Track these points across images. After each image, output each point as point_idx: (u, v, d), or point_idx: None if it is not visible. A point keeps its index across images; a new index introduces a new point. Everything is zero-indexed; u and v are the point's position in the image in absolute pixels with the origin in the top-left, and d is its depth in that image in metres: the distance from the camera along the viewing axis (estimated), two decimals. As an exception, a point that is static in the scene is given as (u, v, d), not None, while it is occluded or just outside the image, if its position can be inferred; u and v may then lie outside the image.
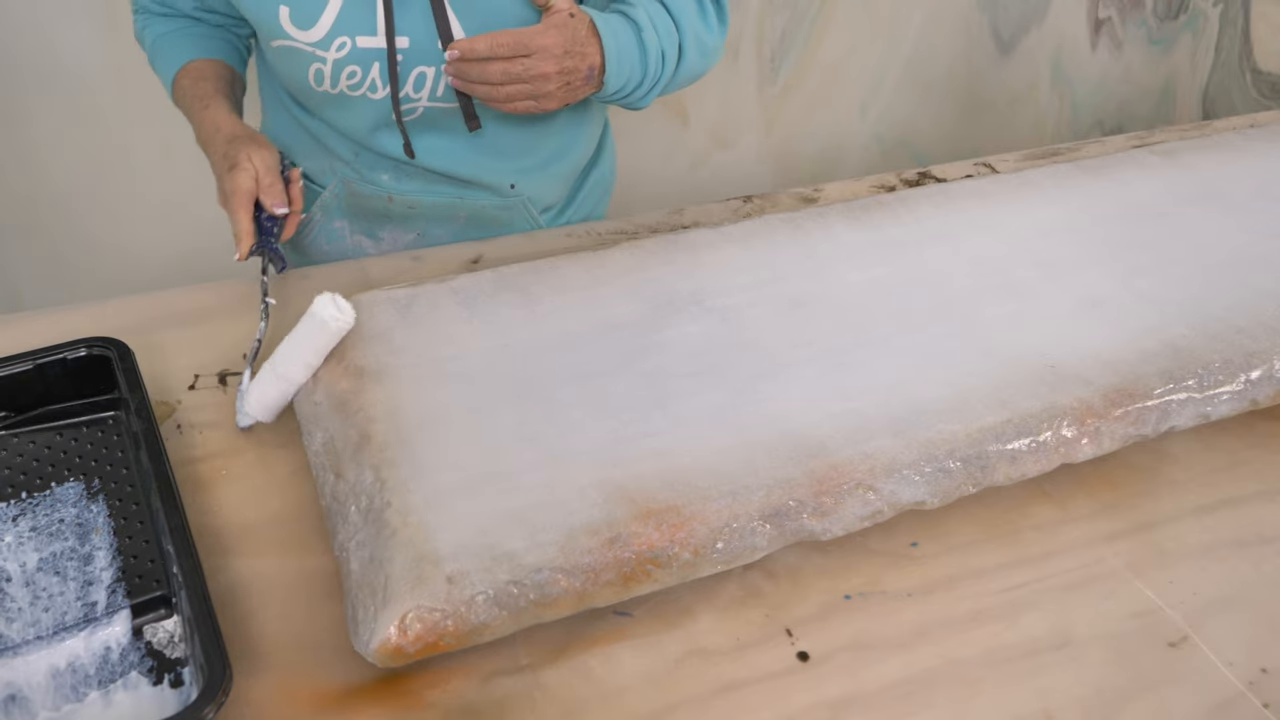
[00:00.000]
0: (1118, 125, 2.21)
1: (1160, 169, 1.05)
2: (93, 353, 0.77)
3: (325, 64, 0.92)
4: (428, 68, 0.93)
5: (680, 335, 0.81)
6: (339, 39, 0.90)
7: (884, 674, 0.65)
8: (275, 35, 0.90)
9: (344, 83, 0.93)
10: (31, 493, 0.71)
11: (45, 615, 0.64)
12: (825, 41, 1.84)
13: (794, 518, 0.68)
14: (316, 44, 0.91)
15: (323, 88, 0.94)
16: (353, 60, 0.92)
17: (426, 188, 1.03)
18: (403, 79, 0.93)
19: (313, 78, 0.93)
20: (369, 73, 0.92)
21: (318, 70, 0.92)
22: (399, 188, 1.03)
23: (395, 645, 0.60)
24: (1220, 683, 0.65)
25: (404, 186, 1.03)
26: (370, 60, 0.92)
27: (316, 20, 0.90)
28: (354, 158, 1.02)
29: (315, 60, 0.92)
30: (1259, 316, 0.84)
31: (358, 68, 0.92)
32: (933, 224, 0.95)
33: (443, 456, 0.69)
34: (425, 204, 1.04)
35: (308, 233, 1.08)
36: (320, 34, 0.90)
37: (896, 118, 2.00)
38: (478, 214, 1.06)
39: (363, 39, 0.91)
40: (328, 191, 1.05)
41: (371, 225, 1.07)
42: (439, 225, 1.06)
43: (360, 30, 0.90)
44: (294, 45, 0.91)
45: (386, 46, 0.91)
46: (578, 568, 0.63)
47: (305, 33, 0.90)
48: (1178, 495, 0.78)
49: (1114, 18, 2.06)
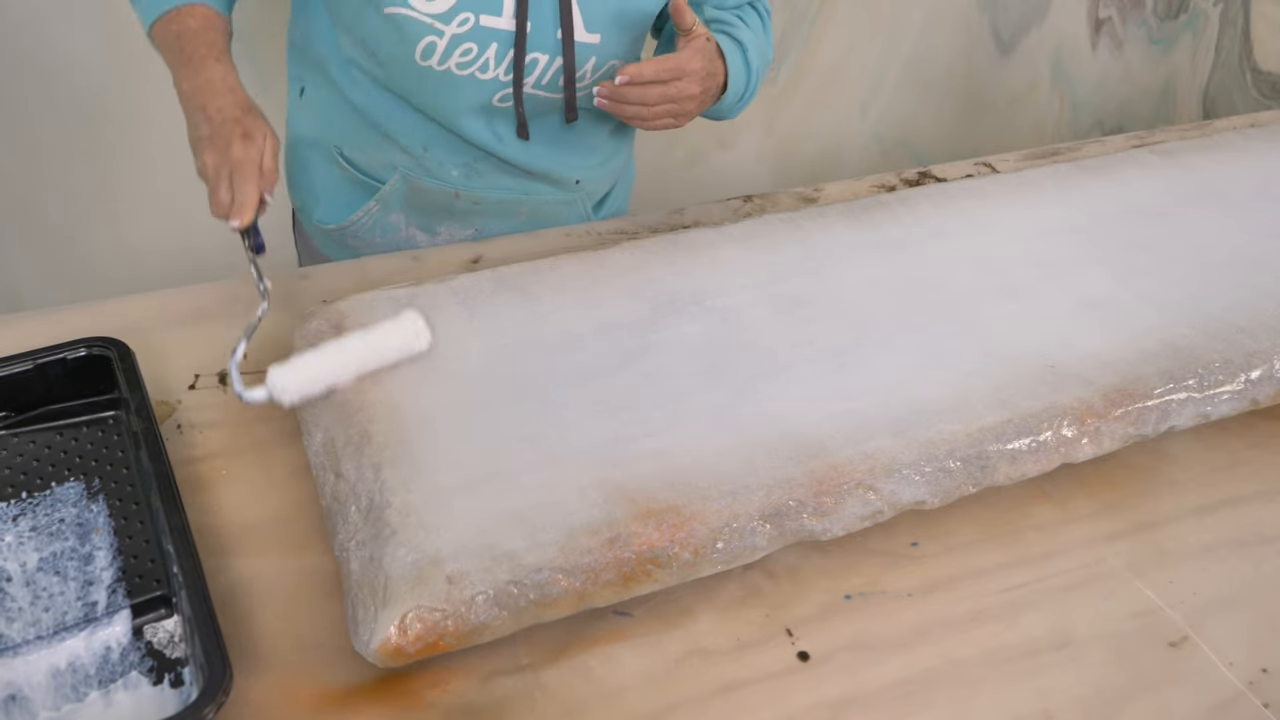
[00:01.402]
0: (1118, 125, 2.21)
1: (1160, 169, 1.05)
2: (93, 353, 0.77)
3: (442, 37, 0.91)
4: (541, 54, 0.94)
5: (680, 335, 0.81)
6: (463, 14, 0.90)
7: (884, 674, 0.65)
8: (390, 3, 0.89)
9: (455, 59, 0.92)
10: (32, 492, 0.71)
11: (45, 615, 0.64)
12: (825, 41, 1.83)
13: (794, 518, 0.68)
14: (438, 16, 0.90)
15: (429, 62, 0.92)
16: (472, 38, 0.91)
17: (495, 183, 1.03)
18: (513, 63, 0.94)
19: (421, 51, 0.92)
20: (484, 52, 0.92)
21: (430, 44, 0.91)
22: (467, 184, 1.03)
23: (395, 645, 0.60)
24: (1220, 683, 0.65)
25: (472, 183, 1.03)
26: (488, 40, 0.92)
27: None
28: (423, 153, 1.01)
29: (432, 33, 0.91)
30: (1259, 316, 0.84)
31: (474, 45, 0.92)
32: (933, 224, 0.95)
33: (443, 456, 0.69)
34: (490, 200, 1.04)
35: (362, 225, 1.07)
36: (444, 7, 0.89)
37: (897, 117, 2.00)
38: (539, 209, 1.07)
39: (486, 18, 0.91)
40: (387, 186, 1.03)
41: (430, 220, 1.06)
42: (499, 220, 1.07)
43: (485, 9, 0.91)
44: (412, 15, 0.89)
45: (516, 28, 0.91)
46: (578, 568, 0.63)
47: (428, 3, 0.89)
48: (1178, 495, 0.78)
49: (1114, 17, 2.06)
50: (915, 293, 0.86)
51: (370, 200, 1.05)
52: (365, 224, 1.06)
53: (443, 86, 0.95)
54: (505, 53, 0.93)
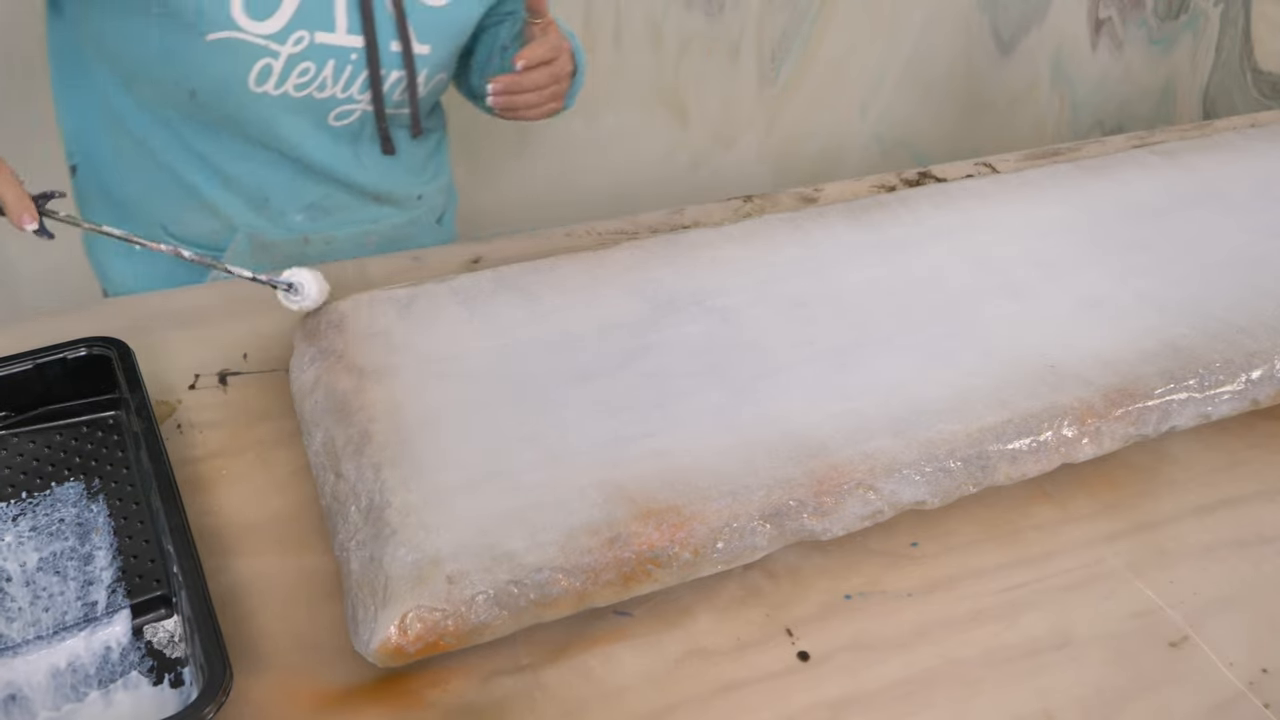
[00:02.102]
0: (1118, 125, 2.21)
1: (1160, 169, 1.05)
2: (93, 352, 0.77)
3: (278, 59, 0.87)
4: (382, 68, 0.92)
5: (680, 335, 0.81)
6: (297, 33, 0.87)
7: (884, 674, 0.65)
8: (216, 27, 0.84)
9: (293, 81, 0.89)
10: (31, 492, 0.71)
11: (45, 615, 0.64)
12: (825, 41, 1.83)
13: (794, 517, 0.68)
14: (272, 36, 0.86)
15: (264, 87, 0.88)
16: (309, 56, 0.88)
17: (342, 219, 1.00)
18: (354, 80, 0.92)
19: (256, 76, 0.87)
20: (322, 70, 0.89)
21: (265, 67, 0.87)
22: (314, 226, 0.99)
23: (395, 645, 0.60)
24: (1221, 683, 0.65)
25: (319, 224, 0.99)
26: (325, 57, 0.89)
27: (274, 11, 0.85)
28: (264, 204, 0.96)
29: (266, 55, 0.87)
30: (1259, 316, 0.84)
31: (312, 64, 0.88)
32: (933, 224, 0.95)
33: (443, 456, 0.69)
34: (341, 237, 1.01)
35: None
36: (278, 25, 0.86)
37: (897, 117, 2.00)
38: (388, 234, 1.05)
39: (321, 34, 0.88)
40: (229, 251, 0.98)
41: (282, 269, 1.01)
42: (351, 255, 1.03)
43: (319, 25, 0.87)
44: (243, 38, 0.85)
45: (366, 42, 0.89)
46: (578, 567, 0.63)
47: (260, 24, 0.85)
48: (1178, 495, 0.78)
49: (1114, 17, 2.06)
50: (915, 293, 0.86)
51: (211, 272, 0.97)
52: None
53: (280, 113, 0.91)
54: (343, 69, 0.90)
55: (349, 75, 0.91)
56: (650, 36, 1.69)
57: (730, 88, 1.82)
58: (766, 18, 1.77)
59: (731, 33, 1.75)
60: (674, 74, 1.75)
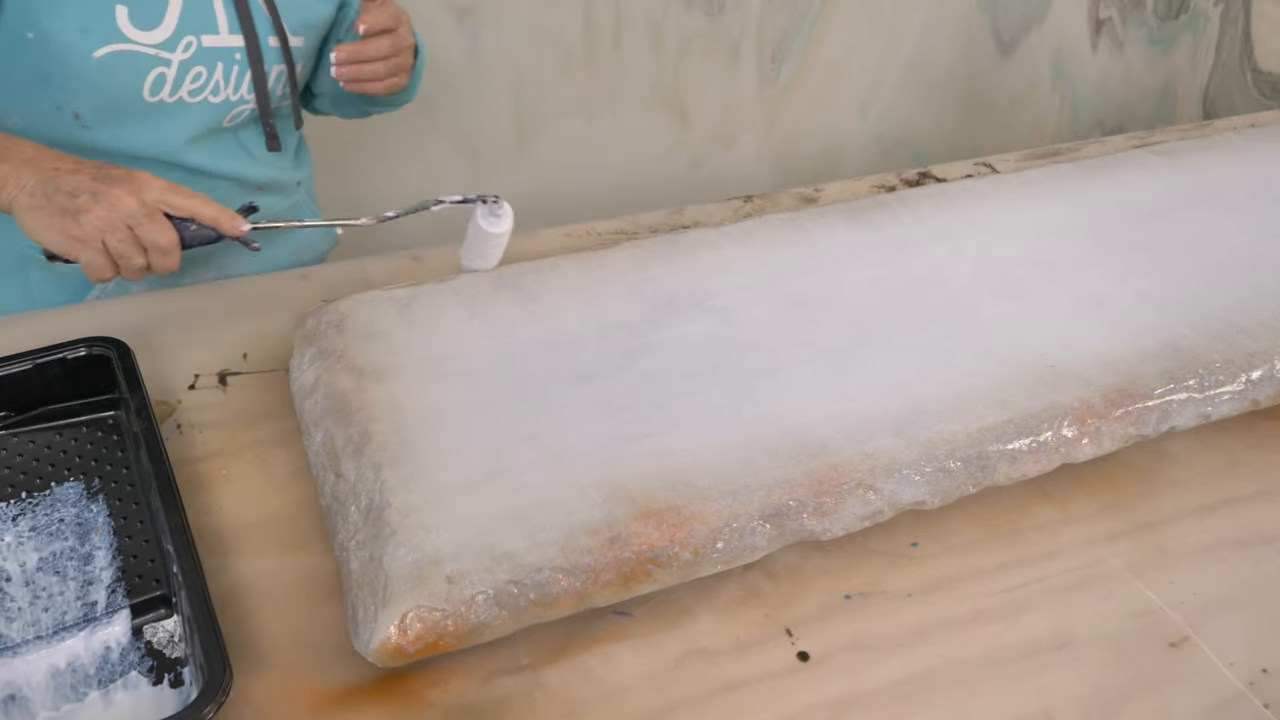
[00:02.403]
0: (1118, 125, 2.21)
1: (1160, 169, 1.05)
2: (93, 352, 0.77)
3: (170, 67, 0.87)
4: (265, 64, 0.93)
5: (680, 335, 0.81)
6: (185, 38, 0.87)
7: (884, 674, 0.65)
8: (105, 41, 0.84)
9: (187, 87, 0.89)
10: (31, 492, 0.71)
11: (45, 615, 0.64)
12: (826, 41, 1.83)
13: (794, 518, 0.67)
14: (162, 45, 0.86)
15: (159, 96, 0.88)
16: (199, 61, 0.89)
17: None
18: (241, 79, 0.93)
19: (149, 87, 0.87)
20: (213, 74, 0.90)
21: (160, 76, 0.87)
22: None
23: (395, 645, 0.60)
24: (1221, 683, 0.65)
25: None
26: (214, 60, 0.89)
27: (160, 19, 0.86)
28: None
29: (159, 64, 0.87)
30: (1259, 316, 0.84)
31: (203, 69, 0.89)
32: (933, 224, 0.95)
33: (443, 456, 0.69)
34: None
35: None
36: (166, 34, 0.86)
37: (897, 118, 2.00)
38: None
39: (207, 38, 0.88)
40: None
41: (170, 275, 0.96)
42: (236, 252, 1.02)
43: (203, 29, 0.88)
44: (135, 49, 0.85)
45: (247, 41, 0.90)
46: (578, 567, 0.63)
47: (148, 34, 0.85)
48: (1178, 495, 0.78)
49: (1114, 18, 2.06)
50: (915, 293, 0.86)
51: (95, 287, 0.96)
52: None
53: (173, 121, 0.91)
54: (230, 70, 0.91)
55: (236, 75, 0.92)
56: (650, 36, 1.69)
57: (730, 88, 1.82)
58: (766, 18, 1.77)
59: (731, 33, 1.75)
60: (674, 74, 1.75)
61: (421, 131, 1.63)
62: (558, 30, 1.62)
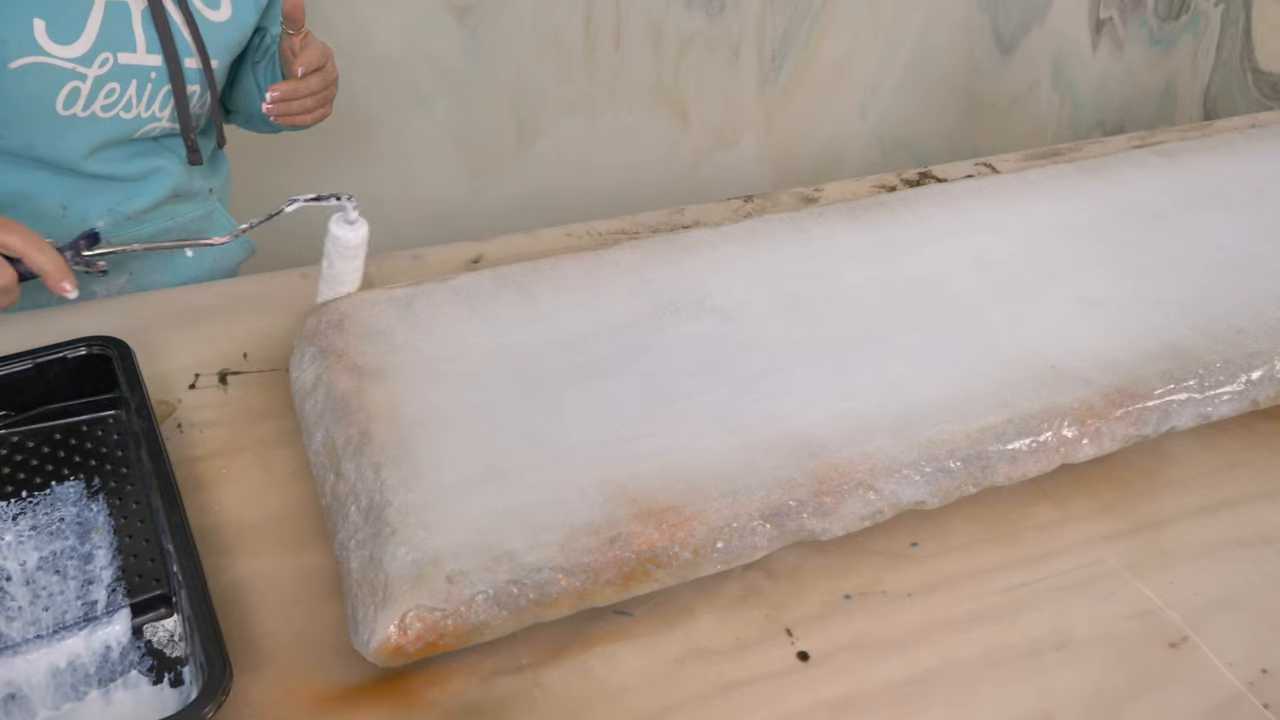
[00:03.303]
0: (1119, 125, 2.21)
1: (1161, 169, 1.05)
2: (93, 352, 0.77)
3: (85, 81, 0.89)
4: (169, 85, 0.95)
5: (680, 335, 0.81)
6: (102, 54, 0.89)
7: (884, 674, 0.65)
8: (21, 53, 0.86)
9: (100, 102, 0.91)
10: (31, 491, 0.71)
11: (45, 614, 0.64)
12: (826, 41, 1.83)
13: (794, 517, 0.68)
14: (78, 60, 0.88)
15: (72, 110, 0.90)
16: (114, 77, 0.91)
17: (139, 226, 1.01)
18: (154, 97, 0.95)
19: (63, 100, 0.89)
20: (127, 90, 0.92)
21: (73, 90, 0.89)
22: (114, 234, 0.99)
23: (395, 644, 0.60)
24: (1220, 683, 0.65)
25: (119, 232, 0.99)
26: (129, 77, 0.92)
27: (79, 35, 0.87)
28: (63, 212, 0.96)
29: (74, 78, 0.88)
30: (1260, 317, 0.84)
31: (117, 85, 0.91)
32: (933, 224, 0.95)
33: (443, 456, 0.69)
34: (143, 235, 1.01)
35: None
36: (83, 49, 0.88)
37: (897, 118, 2.00)
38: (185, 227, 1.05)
39: (124, 55, 0.90)
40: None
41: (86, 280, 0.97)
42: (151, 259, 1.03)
43: (121, 46, 0.90)
44: (50, 62, 0.87)
45: (167, 61, 0.92)
46: (578, 567, 0.63)
47: (65, 48, 0.87)
48: (1178, 495, 0.78)
49: (1115, 18, 2.06)
50: (915, 293, 0.86)
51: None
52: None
53: (85, 134, 0.93)
54: (144, 88, 0.93)
55: (149, 93, 0.94)
56: (650, 36, 1.69)
57: (730, 88, 1.82)
58: (767, 18, 1.77)
59: (732, 33, 1.75)
60: (674, 74, 1.75)
61: (422, 131, 1.63)
62: (558, 30, 1.62)
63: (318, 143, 1.50)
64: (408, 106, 1.59)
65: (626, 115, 1.76)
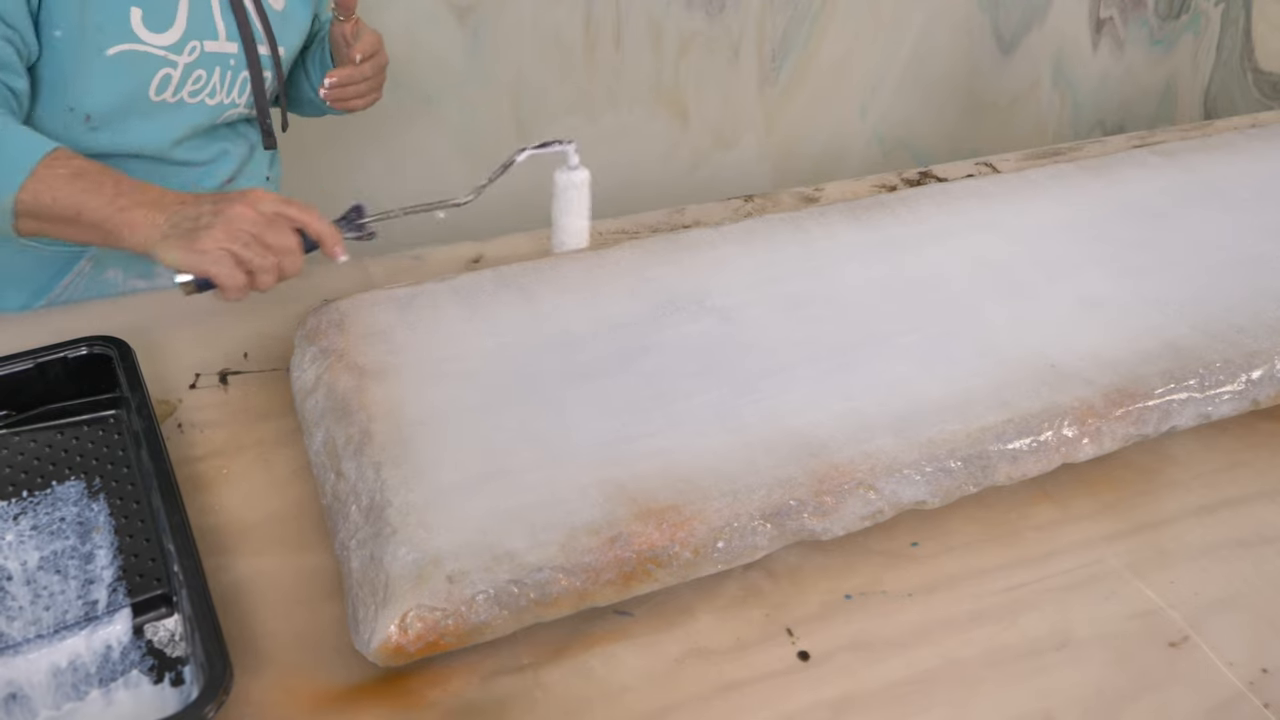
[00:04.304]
0: (1119, 125, 2.21)
1: (1161, 169, 1.05)
2: (94, 351, 0.77)
3: (176, 68, 0.91)
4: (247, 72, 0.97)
5: (681, 335, 0.81)
6: (191, 43, 0.91)
7: (884, 674, 0.65)
8: (118, 40, 0.87)
9: (187, 89, 0.93)
10: (32, 491, 0.71)
11: (46, 614, 0.64)
12: (826, 41, 1.83)
13: (795, 517, 0.68)
14: (170, 47, 0.90)
15: (163, 96, 0.92)
16: (201, 64, 0.93)
17: None
18: (233, 84, 0.97)
19: (155, 86, 0.91)
20: (211, 77, 0.95)
21: (165, 77, 0.91)
22: None
23: (396, 644, 0.60)
24: (1221, 683, 0.65)
25: None
26: (213, 64, 0.94)
27: (171, 23, 0.89)
28: None
29: (166, 65, 0.90)
30: (1260, 316, 0.84)
31: (204, 71, 0.93)
32: (934, 224, 0.95)
33: (443, 455, 0.69)
34: None
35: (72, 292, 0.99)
36: (174, 38, 0.90)
37: (897, 117, 2.00)
38: None
39: (209, 43, 0.93)
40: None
41: (149, 264, 1.00)
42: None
43: (205, 34, 0.92)
44: (144, 50, 0.88)
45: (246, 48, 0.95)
46: (578, 567, 0.63)
47: (159, 36, 0.89)
48: (1179, 495, 0.78)
49: (1115, 17, 2.06)
50: (916, 292, 0.86)
51: (80, 261, 0.98)
52: (76, 290, 1.00)
53: (174, 120, 0.95)
54: (225, 75, 0.95)
55: (229, 80, 0.96)
56: (651, 36, 1.69)
57: (731, 88, 1.82)
58: (767, 17, 1.77)
59: (732, 33, 1.75)
60: (674, 74, 1.75)
61: (422, 130, 1.63)
62: (558, 29, 1.62)
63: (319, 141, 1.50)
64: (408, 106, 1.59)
65: (627, 115, 1.75)
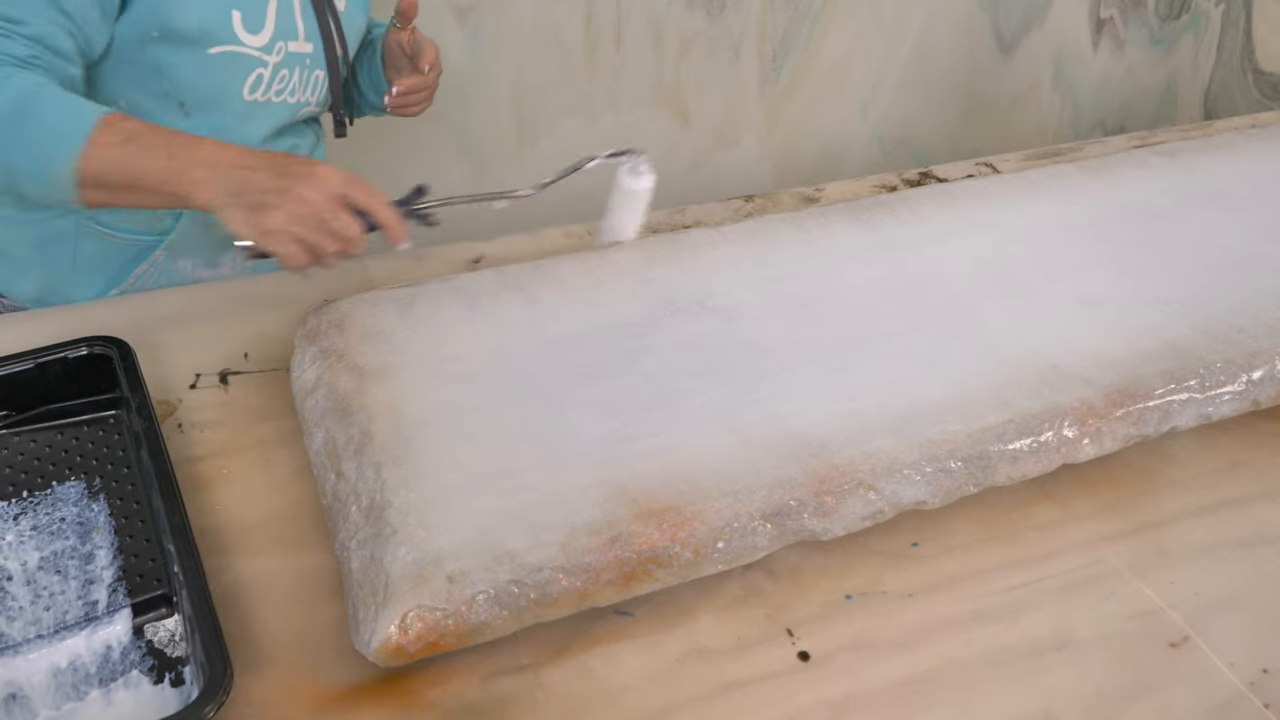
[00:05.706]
0: (1119, 125, 2.21)
1: (1162, 169, 1.05)
2: (94, 351, 0.77)
3: (267, 68, 0.93)
4: (321, 71, 0.99)
5: (681, 335, 0.81)
6: (279, 44, 0.93)
7: (885, 674, 0.65)
8: (220, 42, 0.89)
9: (274, 87, 0.95)
10: (33, 491, 0.71)
11: (46, 614, 0.64)
12: (827, 41, 1.83)
13: (795, 517, 0.67)
14: (262, 48, 0.92)
15: (254, 95, 0.94)
16: (286, 64, 0.95)
17: None
18: (308, 83, 0.99)
19: (249, 86, 0.93)
20: (293, 77, 0.97)
21: (259, 76, 0.93)
22: None
23: (396, 644, 0.60)
24: (1221, 683, 0.65)
25: None
26: (295, 64, 0.96)
27: (263, 25, 0.91)
28: None
29: (259, 66, 0.92)
30: (1260, 316, 0.84)
31: (288, 71, 0.95)
32: (934, 224, 0.95)
33: (444, 456, 0.69)
34: None
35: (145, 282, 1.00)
36: (266, 39, 0.92)
37: (898, 117, 2.00)
38: None
39: (293, 44, 0.95)
40: (176, 232, 0.99)
41: (217, 254, 1.03)
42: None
43: (289, 35, 0.94)
44: (242, 51, 0.90)
45: (326, 48, 0.97)
46: (579, 567, 0.63)
47: (254, 37, 0.91)
48: (1179, 495, 0.78)
49: (1116, 18, 2.06)
50: (916, 292, 0.86)
51: (154, 252, 0.99)
52: (149, 279, 1.01)
53: (264, 118, 0.97)
54: (304, 74, 0.98)
55: (305, 79, 0.98)
56: (651, 37, 1.69)
57: (731, 88, 1.82)
58: (767, 18, 1.77)
59: (732, 33, 1.75)
60: (675, 74, 1.75)
61: (423, 130, 1.63)
62: (559, 30, 1.62)
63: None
64: (408, 106, 1.59)
65: (627, 115, 1.75)
